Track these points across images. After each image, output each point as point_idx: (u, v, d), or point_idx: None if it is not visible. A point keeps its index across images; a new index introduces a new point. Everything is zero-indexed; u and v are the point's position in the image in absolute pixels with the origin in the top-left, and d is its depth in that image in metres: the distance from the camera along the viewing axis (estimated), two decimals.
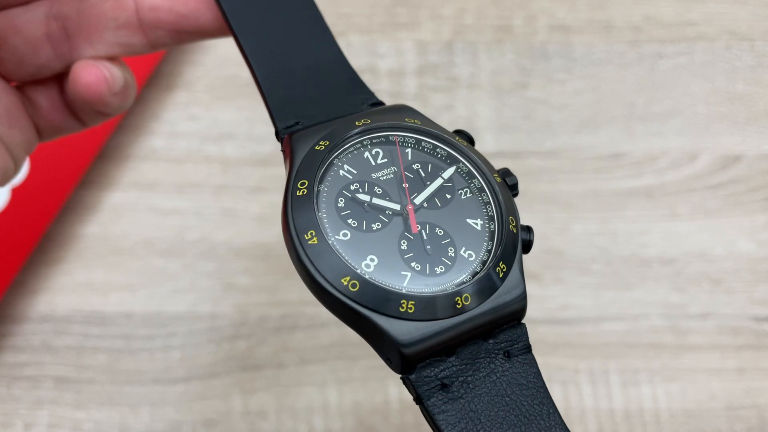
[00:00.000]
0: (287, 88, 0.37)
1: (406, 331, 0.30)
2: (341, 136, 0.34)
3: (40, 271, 0.54)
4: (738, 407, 0.51)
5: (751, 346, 0.53)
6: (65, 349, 0.52)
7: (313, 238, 0.31)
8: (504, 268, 0.32)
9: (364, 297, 0.30)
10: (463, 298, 0.30)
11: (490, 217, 0.34)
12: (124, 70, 0.38)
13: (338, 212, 0.32)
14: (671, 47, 0.62)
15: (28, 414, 0.51)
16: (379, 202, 0.33)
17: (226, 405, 0.51)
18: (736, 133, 0.59)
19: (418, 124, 0.35)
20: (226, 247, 0.55)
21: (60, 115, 0.39)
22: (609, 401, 0.51)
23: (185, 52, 0.61)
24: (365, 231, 0.32)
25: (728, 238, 0.56)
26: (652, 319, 0.53)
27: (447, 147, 0.35)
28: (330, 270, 0.30)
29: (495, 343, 0.31)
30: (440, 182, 0.34)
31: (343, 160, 0.34)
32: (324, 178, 0.33)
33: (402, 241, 0.32)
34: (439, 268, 0.32)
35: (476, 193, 0.34)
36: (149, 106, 0.59)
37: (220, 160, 0.58)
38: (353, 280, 0.30)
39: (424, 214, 0.33)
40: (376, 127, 0.35)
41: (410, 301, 0.30)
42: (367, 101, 0.37)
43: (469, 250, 0.33)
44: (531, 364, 0.31)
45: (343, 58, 0.39)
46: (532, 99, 0.60)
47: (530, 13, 0.63)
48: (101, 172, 0.57)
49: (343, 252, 0.31)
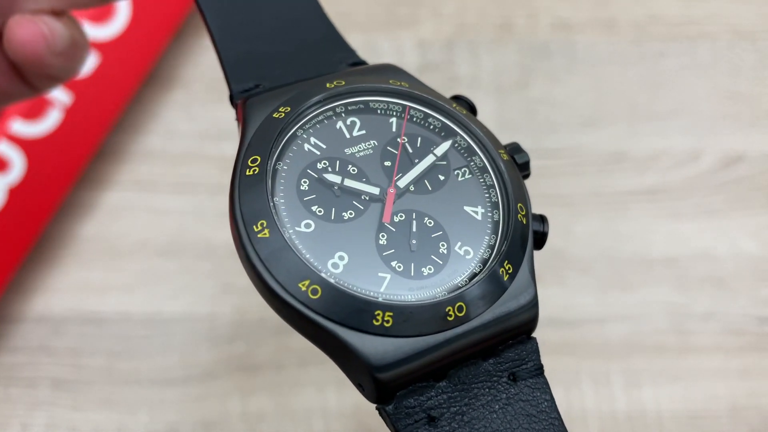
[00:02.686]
0: (247, 42, 0.30)
1: (381, 351, 0.24)
2: (306, 100, 0.28)
3: (37, 272, 0.54)
4: (741, 408, 0.50)
5: (755, 346, 0.52)
6: (63, 350, 0.52)
7: (263, 231, 0.25)
8: (510, 268, 0.26)
9: (327, 306, 0.24)
10: (456, 308, 0.25)
11: (493, 204, 0.28)
12: (71, 26, 0.33)
13: (300, 197, 0.26)
14: (674, 46, 0.61)
15: (25, 415, 0.50)
16: (353, 184, 0.27)
17: (224, 406, 0.50)
18: (739, 133, 0.59)
19: (405, 87, 0.29)
20: (225, 248, 0.55)
21: (7, 81, 0.34)
22: (611, 403, 0.51)
23: (184, 52, 0.61)
24: (334, 221, 0.26)
25: (731, 238, 0.55)
26: (655, 320, 0.53)
27: (441, 116, 0.29)
28: (284, 271, 0.24)
29: (497, 363, 0.25)
30: (432, 160, 0.28)
31: (309, 132, 0.27)
32: (283, 153, 0.27)
33: (380, 234, 0.26)
34: (427, 269, 0.26)
35: (477, 173, 0.28)
36: (147, 105, 0.59)
37: (219, 160, 0.57)
38: (314, 285, 0.24)
39: (410, 200, 0.27)
40: (352, 90, 0.28)
41: (387, 312, 0.24)
42: (345, 60, 0.31)
43: (466, 245, 0.27)
44: (543, 390, 0.26)
45: (319, 8, 0.32)
46: (534, 98, 0.60)
47: (532, 11, 0.63)
48: (99, 172, 0.57)
49: (304, 248, 0.25)
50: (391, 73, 0.30)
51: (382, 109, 0.28)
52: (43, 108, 0.54)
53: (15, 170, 0.52)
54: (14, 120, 0.53)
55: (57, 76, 0.34)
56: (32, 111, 0.53)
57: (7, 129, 0.53)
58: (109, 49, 0.55)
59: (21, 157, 0.53)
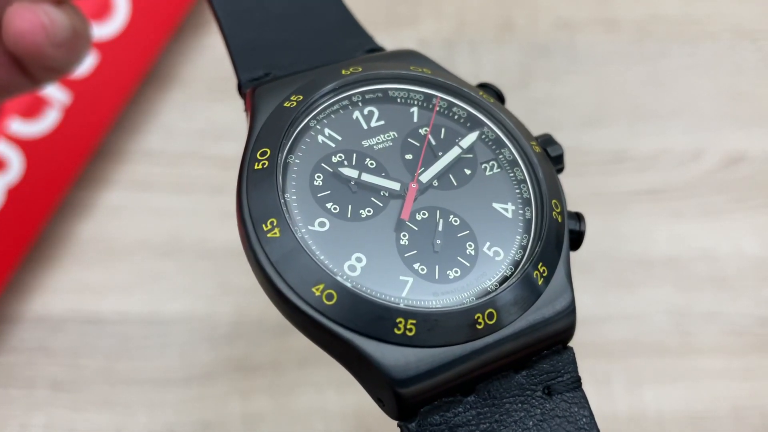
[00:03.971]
0: (256, 28, 0.28)
1: (403, 363, 0.22)
2: (320, 88, 0.25)
3: (36, 272, 0.54)
4: (742, 409, 0.50)
5: (756, 347, 0.52)
6: (61, 351, 0.52)
7: (273, 230, 0.23)
8: (545, 271, 0.24)
9: (342, 313, 0.22)
10: (487, 315, 0.22)
11: (525, 201, 0.26)
12: (72, 15, 0.31)
13: (314, 193, 0.24)
14: (675, 45, 0.61)
15: (23, 415, 0.50)
16: (371, 179, 0.24)
17: (223, 407, 0.50)
18: (740, 132, 0.58)
19: (427, 73, 0.26)
20: (224, 248, 0.54)
21: (7, 74, 0.32)
22: (612, 403, 0.50)
23: (183, 52, 0.61)
24: (350, 219, 0.24)
25: (733, 238, 0.55)
26: (656, 320, 0.53)
27: (467, 105, 0.27)
28: (296, 274, 0.22)
29: (531, 376, 0.23)
30: (457, 153, 0.26)
31: (324, 123, 0.25)
32: (295, 145, 0.25)
33: (401, 234, 0.24)
34: (453, 272, 0.24)
35: (506, 167, 0.26)
36: (146, 105, 0.59)
37: (218, 160, 0.57)
38: (328, 289, 0.22)
39: (433, 196, 0.25)
40: (370, 77, 0.26)
41: (410, 320, 0.22)
42: (362, 47, 0.29)
43: (495, 246, 0.24)
44: (581, 405, 0.24)
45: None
46: (534, 98, 0.60)
47: (533, 10, 0.63)
48: (97, 172, 0.57)
49: (318, 249, 0.23)
50: (412, 59, 0.27)
51: (402, 98, 0.26)
52: (41, 108, 0.53)
53: (13, 170, 0.52)
54: (13, 120, 0.53)
55: (58, 68, 0.32)
56: (31, 111, 0.53)
57: (6, 129, 0.53)
58: (108, 49, 0.55)
59: (19, 156, 0.53)
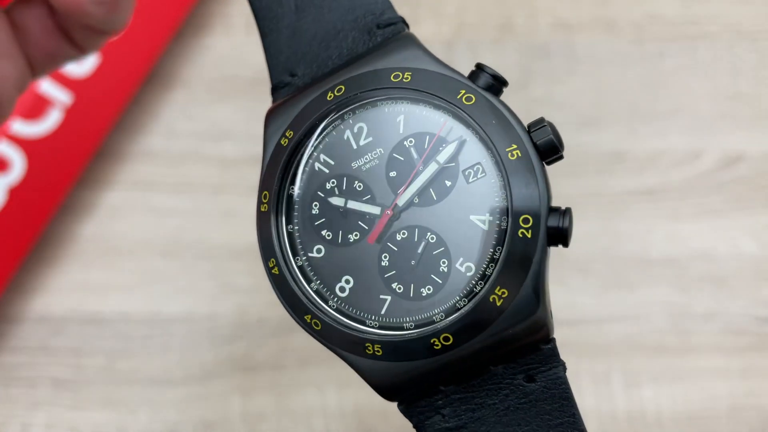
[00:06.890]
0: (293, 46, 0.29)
1: (378, 372, 0.25)
2: (307, 121, 0.27)
3: (38, 272, 0.54)
4: (741, 408, 0.50)
5: (755, 346, 0.52)
6: (63, 350, 0.52)
7: (274, 267, 0.27)
8: (504, 293, 0.24)
9: (327, 335, 0.26)
10: (442, 339, 0.24)
11: (502, 211, 0.25)
12: None
13: (312, 222, 0.27)
14: (674, 46, 0.61)
15: (25, 415, 0.50)
16: (356, 206, 0.26)
17: (225, 406, 0.50)
18: (739, 133, 0.58)
19: (406, 81, 0.26)
20: (225, 248, 0.55)
21: (53, 40, 0.33)
22: (611, 403, 0.51)
23: (184, 52, 0.61)
24: (341, 245, 0.26)
25: (731, 238, 0.55)
26: (655, 320, 0.53)
27: (446, 114, 0.27)
28: (293, 305, 0.26)
29: (509, 368, 0.25)
30: (434, 169, 0.26)
31: (319, 149, 0.27)
32: (296, 177, 0.27)
33: (383, 255, 0.26)
34: (426, 289, 0.25)
35: (484, 176, 0.26)
36: (147, 105, 0.59)
37: (219, 160, 0.57)
38: (315, 319, 0.26)
39: (414, 214, 0.26)
40: (351, 99, 0.27)
41: (376, 345, 0.25)
42: (374, 22, 0.28)
43: (468, 261, 0.25)
44: (561, 387, 0.25)
45: None
46: (534, 98, 0.60)
47: (532, 11, 0.63)
48: (99, 172, 0.57)
49: (315, 274, 0.26)
50: (401, 59, 0.27)
51: (389, 109, 0.27)
52: (43, 108, 0.54)
53: (15, 170, 0.52)
54: (15, 120, 0.53)
55: (101, 29, 0.32)
56: (32, 111, 0.53)
57: (8, 129, 0.53)
58: (109, 49, 0.55)
59: (21, 157, 0.53)
